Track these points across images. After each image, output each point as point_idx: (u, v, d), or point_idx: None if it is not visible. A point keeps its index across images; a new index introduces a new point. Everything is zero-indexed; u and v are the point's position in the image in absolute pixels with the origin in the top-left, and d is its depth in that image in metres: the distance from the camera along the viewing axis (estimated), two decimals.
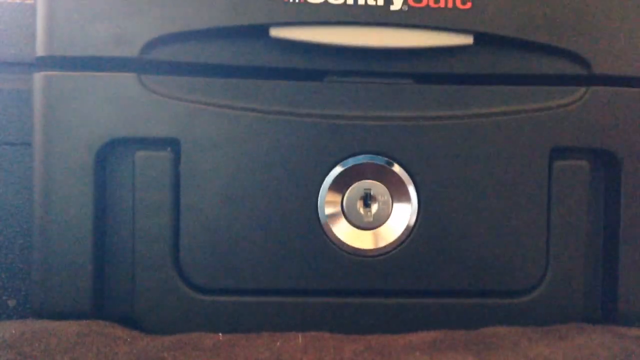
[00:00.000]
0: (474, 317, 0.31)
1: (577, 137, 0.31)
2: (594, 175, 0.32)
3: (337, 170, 0.30)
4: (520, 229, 0.31)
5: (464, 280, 0.31)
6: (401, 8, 0.30)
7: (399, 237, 0.31)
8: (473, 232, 0.31)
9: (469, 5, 0.30)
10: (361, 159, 0.30)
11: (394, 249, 0.31)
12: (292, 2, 0.29)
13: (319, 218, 0.30)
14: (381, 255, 0.31)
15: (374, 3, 0.30)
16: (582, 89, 0.31)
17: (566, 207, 0.31)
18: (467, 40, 0.30)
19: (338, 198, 0.31)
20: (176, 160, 0.30)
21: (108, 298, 0.30)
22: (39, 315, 0.29)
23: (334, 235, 0.30)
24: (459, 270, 0.30)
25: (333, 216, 0.30)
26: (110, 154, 0.30)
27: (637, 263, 0.31)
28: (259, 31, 0.30)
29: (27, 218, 0.31)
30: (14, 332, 0.25)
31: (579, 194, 0.31)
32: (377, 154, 0.30)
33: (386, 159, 0.30)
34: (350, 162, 0.30)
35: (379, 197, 0.31)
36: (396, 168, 0.30)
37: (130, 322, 0.30)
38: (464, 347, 0.25)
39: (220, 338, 0.27)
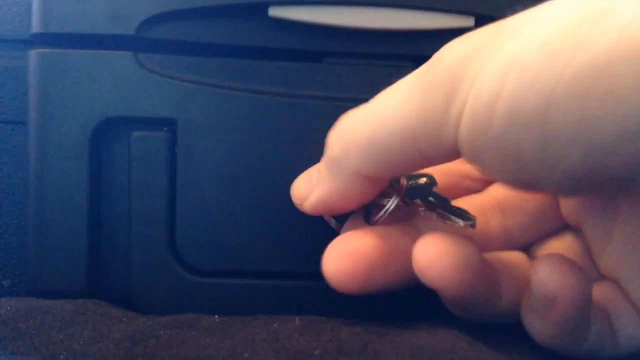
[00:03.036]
0: None
1: None
2: None
3: None
4: None
5: None
6: None
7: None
8: None
9: None
10: None
11: None
12: None
13: None
14: None
15: None
16: None
17: None
18: (468, 22, 0.30)
19: None
20: (172, 141, 0.30)
21: (103, 279, 0.30)
22: (34, 295, 0.29)
23: (331, 218, 0.30)
24: None
25: None
26: (105, 133, 0.30)
27: None
28: (258, 10, 0.30)
29: (22, 198, 0.31)
30: (9, 308, 0.25)
31: None
32: None
33: None
34: None
35: None
36: None
37: (125, 303, 0.30)
38: (462, 327, 0.25)
39: (217, 319, 0.27)
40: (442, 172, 0.28)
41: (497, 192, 0.29)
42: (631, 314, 0.25)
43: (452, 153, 0.21)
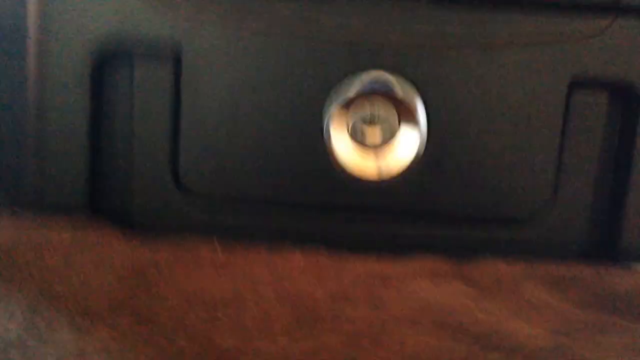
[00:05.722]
0: (476, 244, 0.31)
1: (598, 68, 0.30)
2: (612, 108, 0.31)
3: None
4: (531, 157, 0.30)
5: (468, 206, 0.30)
6: None
7: (404, 159, 0.30)
8: (481, 158, 0.30)
9: None
10: None
11: (398, 170, 0.30)
12: None
13: (322, 134, 0.29)
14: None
15: None
16: (608, 19, 0.30)
17: (580, 137, 0.30)
18: None
19: (344, 114, 0.30)
20: (178, 67, 0.29)
21: (104, 200, 0.30)
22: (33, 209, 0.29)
23: (337, 152, 0.30)
24: (463, 196, 0.30)
25: (337, 133, 0.30)
26: (108, 58, 0.29)
27: None
28: None
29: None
30: (7, 238, 0.24)
31: (594, 126, 0.30)
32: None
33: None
34: None
35: (386, 117, 0.30)
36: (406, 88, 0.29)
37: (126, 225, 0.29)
38: (466, 280, 0.25)
39: (218, 249, 0.26)
40: None
41: None
42: None
43: None
